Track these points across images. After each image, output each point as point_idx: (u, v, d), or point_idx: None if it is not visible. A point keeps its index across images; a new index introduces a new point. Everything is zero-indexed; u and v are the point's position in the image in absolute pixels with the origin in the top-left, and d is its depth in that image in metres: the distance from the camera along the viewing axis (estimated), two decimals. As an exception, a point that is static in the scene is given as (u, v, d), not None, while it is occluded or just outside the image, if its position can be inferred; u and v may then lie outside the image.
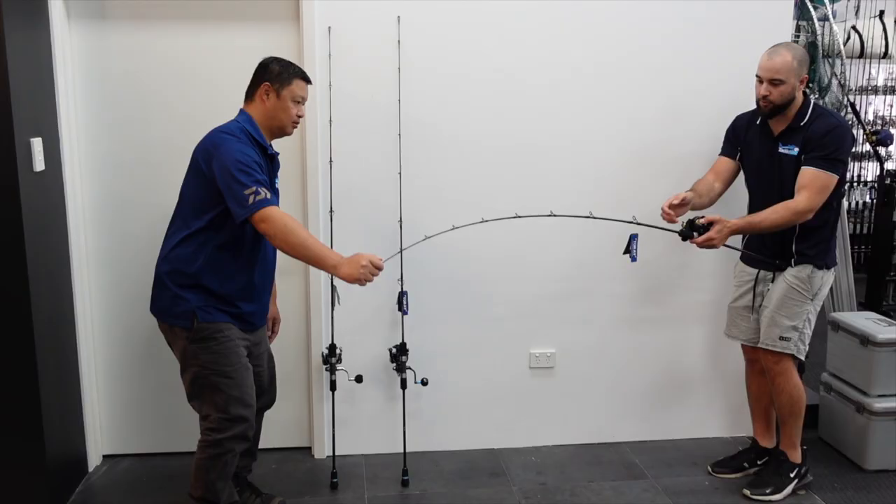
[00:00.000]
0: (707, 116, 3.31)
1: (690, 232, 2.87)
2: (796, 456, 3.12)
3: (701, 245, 2.83)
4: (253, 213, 2.36)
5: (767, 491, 3.09)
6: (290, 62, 2.59)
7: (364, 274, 2.41)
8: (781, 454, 3.13)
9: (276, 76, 2.52)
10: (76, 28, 3.02)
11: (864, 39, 4.97)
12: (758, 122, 3.00)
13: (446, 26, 3.14)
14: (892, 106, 6.05)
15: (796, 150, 2.88)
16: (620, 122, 3.31)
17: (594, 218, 2.80)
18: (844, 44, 4.67)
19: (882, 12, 5.02)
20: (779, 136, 2.94)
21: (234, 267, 2.53)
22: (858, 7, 4.92)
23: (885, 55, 5.08)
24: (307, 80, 2.59)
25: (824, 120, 2.87)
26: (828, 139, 2.82)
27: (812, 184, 2.81)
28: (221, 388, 2.50)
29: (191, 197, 2.51)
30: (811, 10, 3.98)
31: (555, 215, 2.85)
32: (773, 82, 2.82)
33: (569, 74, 3.25)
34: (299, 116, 2.59)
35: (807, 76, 2.86)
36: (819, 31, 4.02)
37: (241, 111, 2.58)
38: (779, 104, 2.85)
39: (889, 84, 5.75)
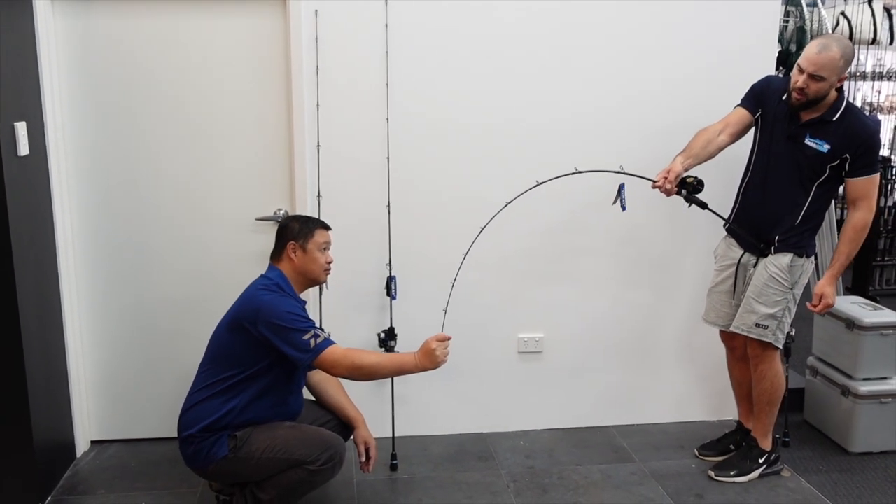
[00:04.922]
0: (694, 95, 3.30)
1: (681, 190, 2.86)
2: (767, 443, 3.15)
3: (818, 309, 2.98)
4: (317, 355, 2.45)
5: (732, 473, 3.12)
6: (307, 217, 2.73)
7: (441, 356, 2.52)
8: (752, 440, 3.16)
9: (299, 233, 2.62)
10: (60, 10, 2.98)
11: (853, 25, 4.97)
12: (784, 99, 2.90)
13: (434, 9, 3.12)
14: (879, 92, 6.07)
15: (827, 146, 2.81)
16: (610, 102, 3.30)
17: (622, 172, 2.87)
18: (833, 29, 4.67)
19: (871, -2, 5.03)
20: (806, 124, 2.85)
21: (271, 410, 2.58)
22: (847, -8, 4.93)
23: (874, 41, 5.08)
24: (327, 228, 2.70)
25: (860, 122, 2.82)
26: (871, 146, 2.81)
27: (869, 193, 2.84)
28: (289, 453, 2.48)
29: (230, 351, 2.54)
30: (800, -6, 3.98)
31: (579, 171, 2.91)
32: (814, 77, 2.72)
33: (561, 55, 3.23)
34: (329, 263, 2.67)
35: (846, 75, 2.79)
36: (808, 17, 4.01)
37: (272, 267, 2.64)
38: (812, 100, 2.78)
39: (877, 70, 5.77)
